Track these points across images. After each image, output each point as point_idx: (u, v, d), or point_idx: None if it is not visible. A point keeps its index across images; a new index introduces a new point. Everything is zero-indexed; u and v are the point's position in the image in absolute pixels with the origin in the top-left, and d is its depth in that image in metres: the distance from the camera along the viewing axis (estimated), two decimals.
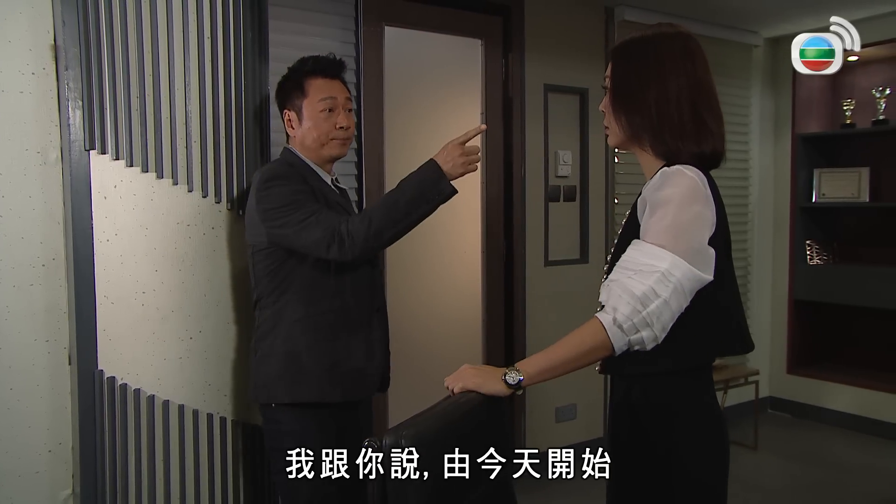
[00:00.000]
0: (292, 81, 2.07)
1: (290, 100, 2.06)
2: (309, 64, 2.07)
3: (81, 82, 1.96)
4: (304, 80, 2.05)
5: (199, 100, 2.16)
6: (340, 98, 2.06)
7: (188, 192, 2.15)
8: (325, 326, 1.99)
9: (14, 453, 1.95)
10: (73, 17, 1.94)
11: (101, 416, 2.01)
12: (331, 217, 1.90)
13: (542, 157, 3.74)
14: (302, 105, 2.04)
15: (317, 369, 1.98)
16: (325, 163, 2.08)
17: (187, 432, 2.16)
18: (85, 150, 1.98)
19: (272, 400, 2.00)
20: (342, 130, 2.06)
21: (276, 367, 1.99)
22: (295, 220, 1.90)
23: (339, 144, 2.07)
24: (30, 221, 1.97)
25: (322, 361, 1.98)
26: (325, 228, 1.87)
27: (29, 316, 1.97)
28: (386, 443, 1.16)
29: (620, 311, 1.30)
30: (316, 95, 2.03)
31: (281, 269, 1.99)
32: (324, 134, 2.03)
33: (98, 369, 2.01)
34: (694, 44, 1.48)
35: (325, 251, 1.88)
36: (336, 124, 2.04)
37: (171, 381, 2.13)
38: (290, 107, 2.06)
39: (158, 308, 2.11)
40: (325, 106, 2.03)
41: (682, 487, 1.42)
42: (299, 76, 2.06)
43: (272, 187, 1.93)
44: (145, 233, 2.08)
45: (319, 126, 2.02)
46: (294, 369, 1.98)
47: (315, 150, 2.05)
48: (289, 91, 2.07)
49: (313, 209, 1.91)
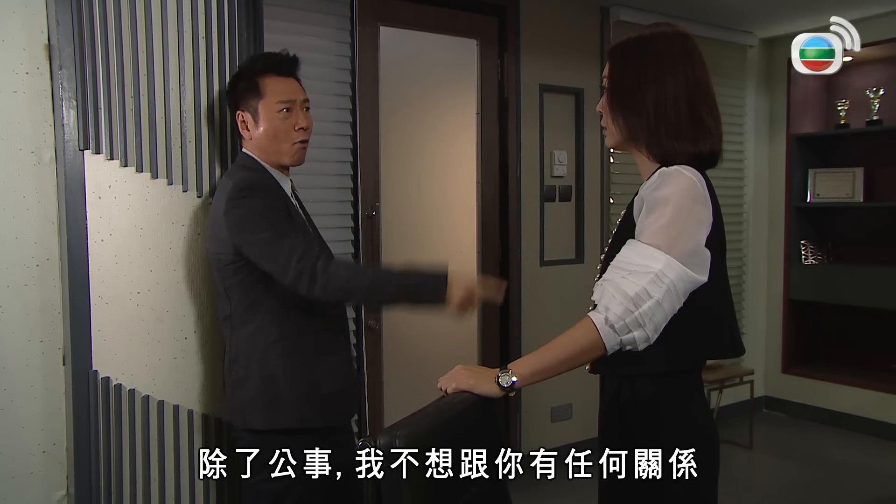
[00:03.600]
0: (245, 81, 1.97)
1: (244, 100, 1.96)
2: (261, 62, 1.99)
3: (76, 82, 1.96)
4: (257, 79, 1.95)
5: (193, 100, 2.16)
6: (299, 98, 1.98)
7: (183, 192, 2.15)
8: (303, 348, 1.92)
9: (8, 454, 1.94)
10: (67, 16, 1.94)
11: (95, 416, 2.01)
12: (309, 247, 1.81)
13: (538, 157, 3.74)
14: (258, 106, 1.94)
15: (295, 393, 1.90)
16: (282, 168, 2.00)
17: (182, 433, 2.16)
18: (79, 150, 1.97)
19: (248, 426, 1.92)
20: (302, 132, 1.97)
21: (251, 392, 1.90)
22: (266, 240, 1.80)
23: (300, 149, 1.99)
24: (24, 221, 1.96)
25: (300, 385, 1.90)
26: (301, 259, 1.77)
27: (23, 316, 1.96)
28: (380, 443, 1.16)
29: (613, 310, 1.30)
30: (273, 97, 1.94)
31: (255, 286, 1.90)
32: (282, 134, 1.94)
33: (92, 370, 2.00)
34: (692, 43, 1.49)
35: (294, 280, 1.78)
36: (295, 125, 1.96)
37: (165, 381, 2.13)
38: (245, 108, 1.96)
39: (153, 308, 2.11)
40: (283, 106, 1.94)
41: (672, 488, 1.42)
42: (252, 75, 1.96)
43: (246, 198, 1.85)
44: (140, 233, 2.08)
45: (277, 127, 1.94)
46: (271, 394, 1.89)
47: (273, 153, 1.96)
48: (242, 91, 1.97)
49: (286, 230, 1.82)
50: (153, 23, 2.08)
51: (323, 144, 2.82)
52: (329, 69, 3.01)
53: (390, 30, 3.25)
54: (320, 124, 3.03)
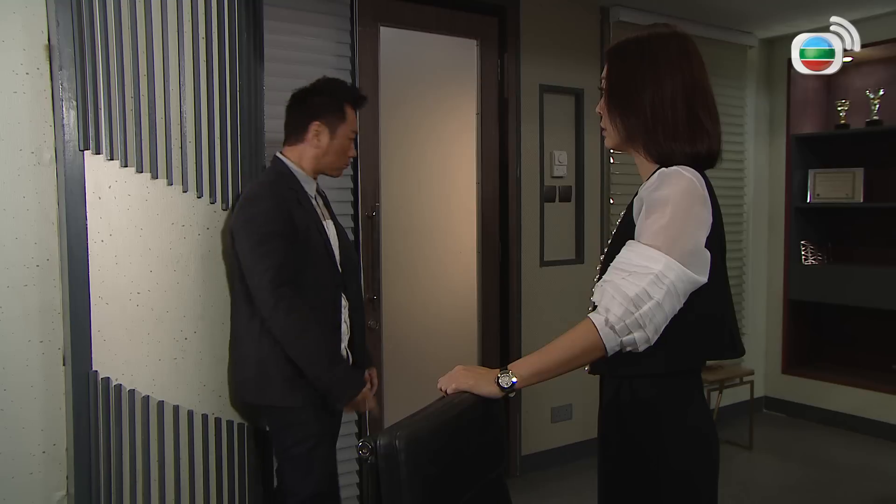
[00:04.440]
0: (332, 101, 2.18)
1: (326, 116, 2.17)
2: (348, 92, 2.23)
3: (76, 82, 1.96)
4: (343, 104, 2.19)
5: (193, 100, 2.16)
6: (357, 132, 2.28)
7: (183, 192, 2.15)
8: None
9: (8, 455, 1.94)
10: (67, 16, 1.94)
11: (95, 417, 2.01)
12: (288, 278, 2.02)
13: (538, 157, 3.74)
14: (337, 127, 2.18)
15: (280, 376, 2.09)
16: (316, 175, 2.23)
17: (182, 433, 2.15)
18: (79, 151, 1.97)
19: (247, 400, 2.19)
20: (349, 159, 2.27)
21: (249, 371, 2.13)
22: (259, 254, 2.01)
23: (342, 169, 2.28)
24: (24, 222, 1.96)
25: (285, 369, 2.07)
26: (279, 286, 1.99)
27: (23, 316, 1.96)
28: (380, 443, 1.16)
29: (613, 312, 1.29)
30: (350, 125, 2.21)
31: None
32: (342, 156, 2.22)
33: (92, 370, 2.00)
34: (690, 44, 1.48)
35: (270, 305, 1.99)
36: (349, 151, 2.24)
37: (165, 381, 2.13)
38: (325, 122, 2.17)
39: (153, 309, 2.11)
40: (353, 135, 2.23)
41: (670, 488, 1.43)
42: (340, 99, 2.19)
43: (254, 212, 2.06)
44: (140, 233, 2.08)
45: (341, 153, 2.21)
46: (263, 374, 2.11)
47: (324, 165, 2.20)
48: (324, 107, 2.17)
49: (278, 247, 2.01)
50: (153, 23, 2.08)
51: None
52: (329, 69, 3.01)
53: (390, 30, 3.25)
54: None
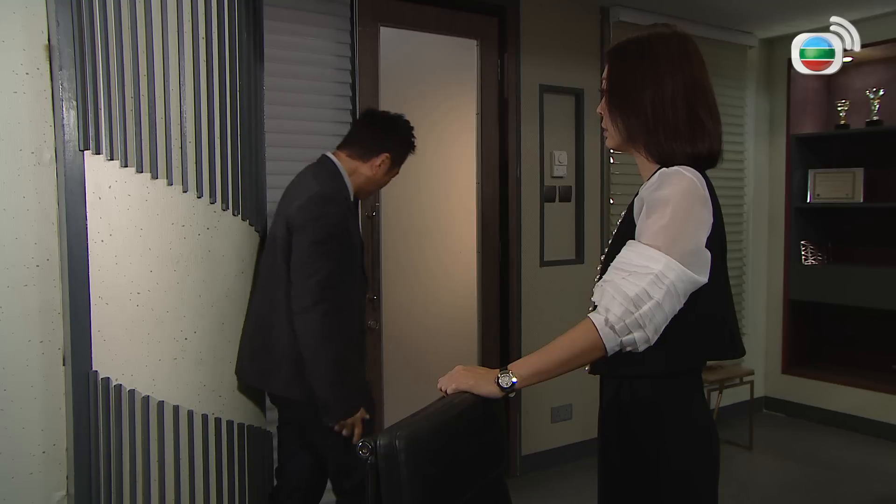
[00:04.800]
0: (405, 146, 2.38)
1: (395, 154, 2.34)
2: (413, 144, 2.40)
3: (76, 82, 1.96)
4: (409, 153, 2.40)
5: (193, 100, 2.16)
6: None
7: (183, 192, 2.15)
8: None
9: (8, 455, 1.94)
10: (67, 17, 1.94)
11: (95, 417, 2.01)
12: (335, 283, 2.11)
13: (538, 157, 3.74)
14: (394, 168, 2.38)
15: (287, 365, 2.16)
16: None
17: (182, 433, 2.15)
18: (79, 151, 1.97)
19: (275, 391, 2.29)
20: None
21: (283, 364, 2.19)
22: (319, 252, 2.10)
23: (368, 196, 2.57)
24: (24, 222, 1.96)
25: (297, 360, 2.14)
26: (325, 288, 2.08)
27: (23, 317, 1.96)
28: (380, 443, 1.16)
29: (613, 312, 1.29)
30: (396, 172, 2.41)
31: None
32: (374, 192, 2.54)
33: (92, 370, 2.00)
34: (690, 44, 1.48)
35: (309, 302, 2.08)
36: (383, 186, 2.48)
37: (165, 382, 2.13)
38: (395, 156, 2.34)
39: (153, 309, 2.10)
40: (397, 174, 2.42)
41: (670, 488, 1.43)
42: (408, 148, 2.39)
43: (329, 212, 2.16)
44: (140, 233, 2.08)
45: (378, 187, 2.44)
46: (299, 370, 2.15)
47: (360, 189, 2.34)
48: (399, 147, 2.36)
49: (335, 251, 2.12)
50: (153, 23, 2.08)
51: (323, 145, 2.81)
52: (329, 69, 3.01)
53: (390, 30, 3.25)
54: (320, 124, 3.05)
